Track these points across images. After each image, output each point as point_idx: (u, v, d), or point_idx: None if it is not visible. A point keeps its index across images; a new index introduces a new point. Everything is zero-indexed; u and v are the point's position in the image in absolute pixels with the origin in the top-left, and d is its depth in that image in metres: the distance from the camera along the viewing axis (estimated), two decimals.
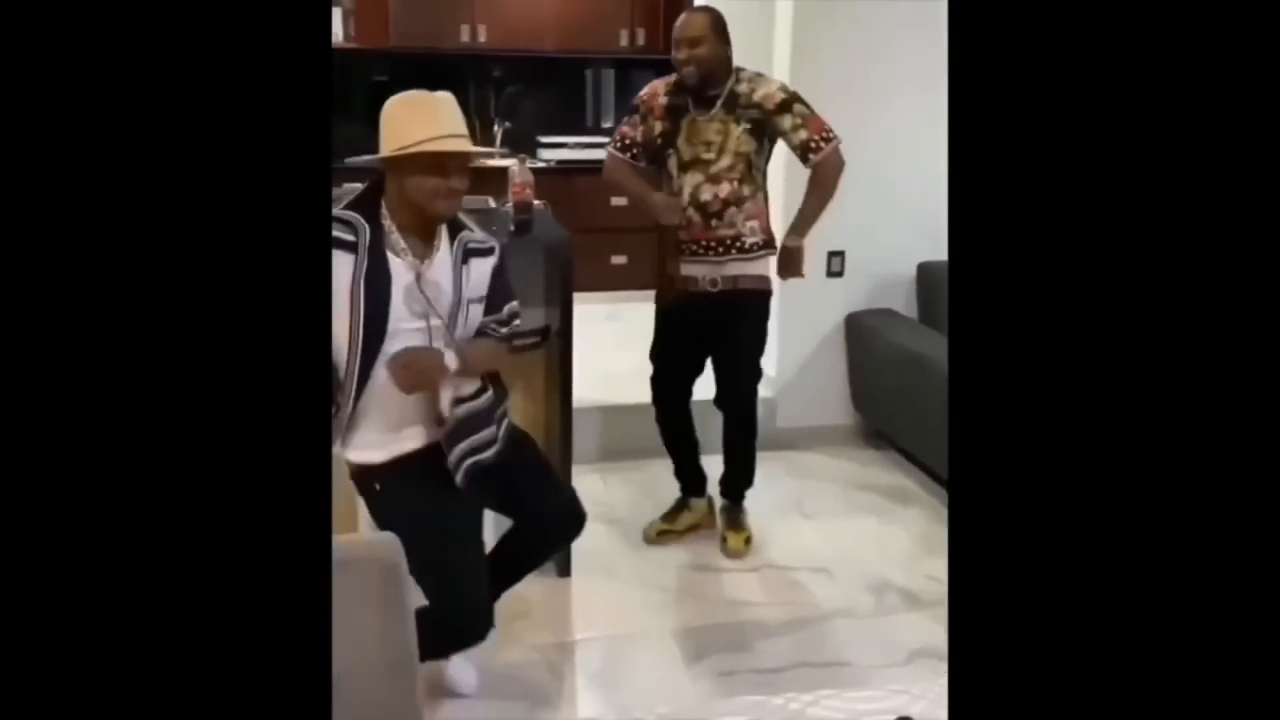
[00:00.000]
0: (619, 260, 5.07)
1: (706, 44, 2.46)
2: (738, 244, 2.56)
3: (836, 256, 3.51)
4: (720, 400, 2.74)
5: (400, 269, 1.76)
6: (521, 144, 5.20)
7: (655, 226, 2.65)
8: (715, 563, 2.74)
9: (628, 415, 3.38)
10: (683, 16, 2.51)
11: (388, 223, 1.76)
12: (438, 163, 1.70)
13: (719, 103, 2.50)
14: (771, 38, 3.39)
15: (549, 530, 2.08)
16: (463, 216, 1.91)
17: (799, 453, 3.45)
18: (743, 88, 2.50)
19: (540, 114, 5.38)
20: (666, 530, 2.83)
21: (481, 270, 1.89)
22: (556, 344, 2.52)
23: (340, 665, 1.05)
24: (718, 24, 2.48)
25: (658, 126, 2.56)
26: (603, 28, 5.14)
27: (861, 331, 3.49)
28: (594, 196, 5.01)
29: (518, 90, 5.37)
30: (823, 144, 2.50)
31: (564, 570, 2.62)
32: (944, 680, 1.02)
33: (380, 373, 1.75)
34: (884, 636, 2.39)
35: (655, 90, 2.60)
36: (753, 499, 2.89)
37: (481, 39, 4.97)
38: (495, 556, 2.05)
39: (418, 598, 1.42)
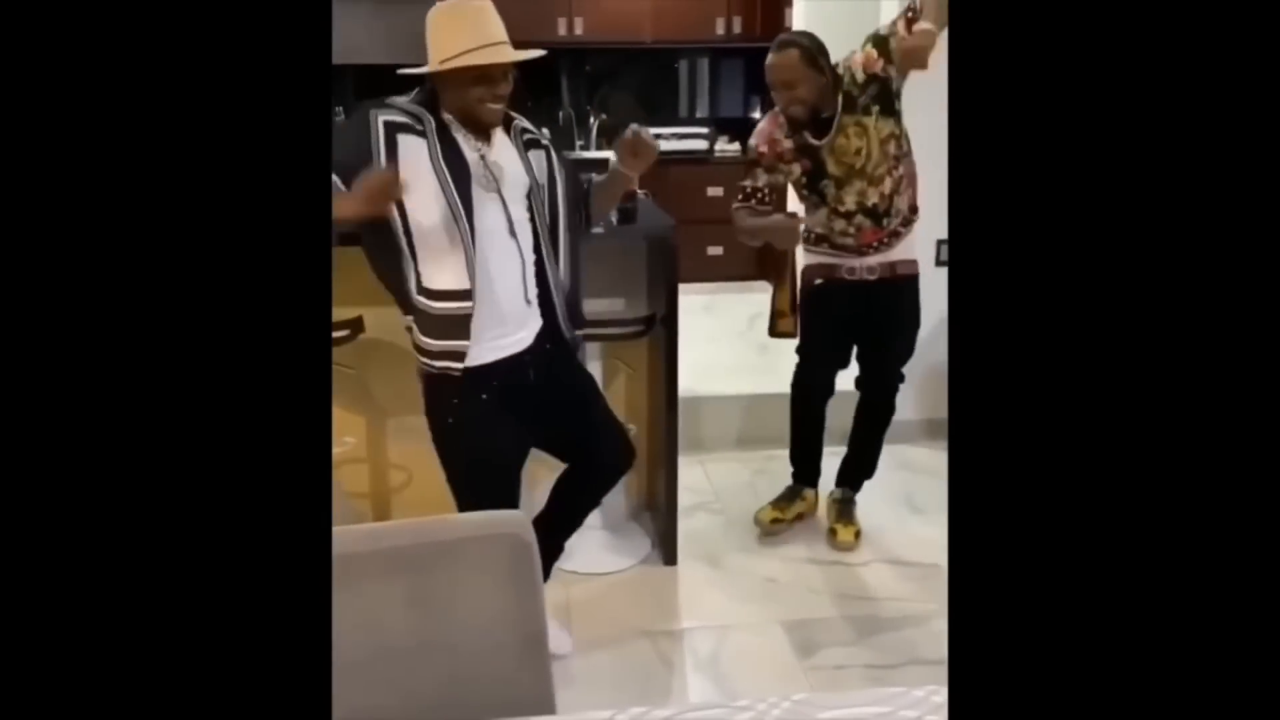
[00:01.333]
0: (715, 251, 5.04)
1: (804, 83, 2.31)
2: (902, 223, 2.50)
3: (946, 245, 3.40)
4: (867, 385, 2.69)
5: (466, 149, 1.84)
6: (617, 136, 5.23)
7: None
8: (822, 555, 2.69)
9: (727, 406, 3.36)
10: (772, 57, 2.34)
11: (448, 117, 1.83)
12: (482, 72, 1.76)
13: (838, 117, 2.36)
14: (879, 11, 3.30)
15: (605, 468, 2.12)
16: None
17: (907, 446, 3.35)
18: (847, 84, 2.35)
19: (635, 105, 5.39)
20: (779, 518, 2.78)
21: (540, 162, 1.95)
22: (661, 334, 2.51)
23: (473, 641, 1.07)
24: (808, 56, 2.32)
25: (795, 170, 2.45)
26: (698, 17, 5.12)
27: None
28: (690, 187, 5.00)
29: (613, 82, 5.40)
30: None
31: (670, 559, 2.61)
32: None
33: (487, 265, 1.81)
34: None
35: (771, 137, 2.46)
36: (862, 492, 2.83)
37: (578, 31, 5.01)
38: (553, 506, 2.11)
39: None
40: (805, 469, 2.83)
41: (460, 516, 1.09)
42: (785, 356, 2.80)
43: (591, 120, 5.30)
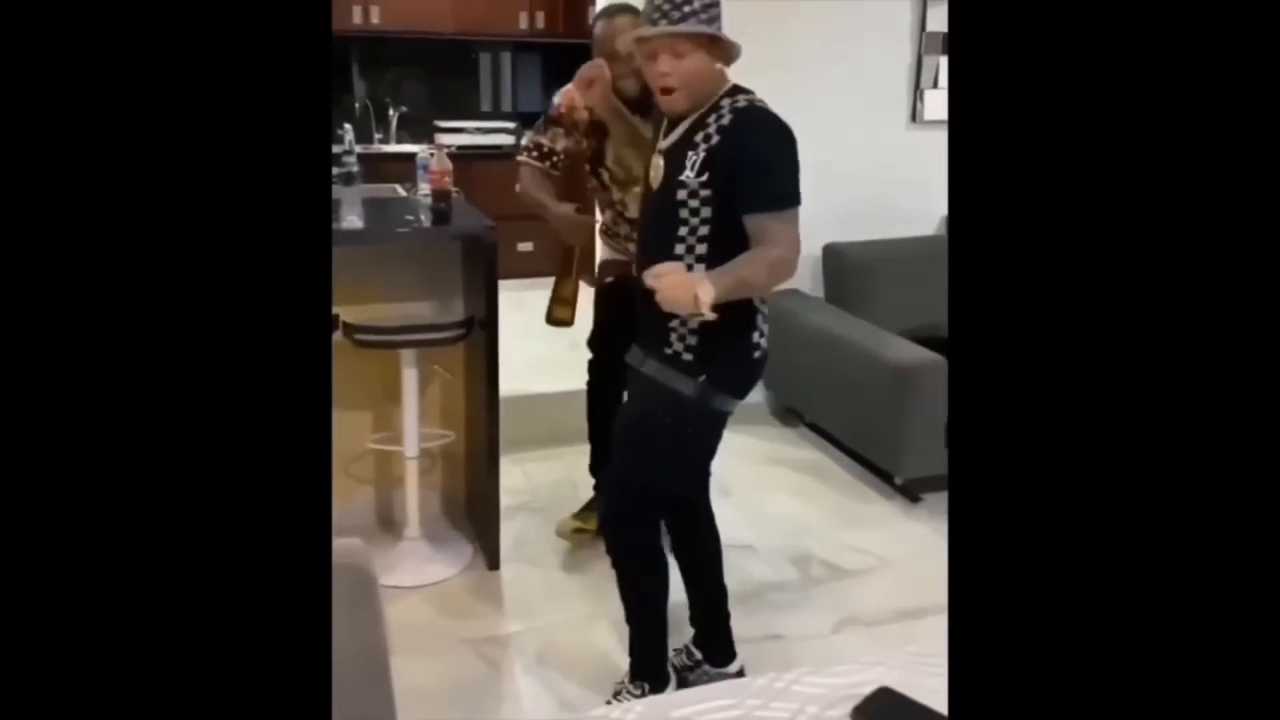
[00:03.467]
0: (525, 247, 5.01)
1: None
2: None
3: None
4: None
5: None
6: (418, 129, 5.07)
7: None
8: None
9: (543, 404, 3.37)
10: (604, 24, 2.28)
11: None
12: None
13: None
14: None
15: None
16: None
17: None
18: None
19: (437, 98, 5.25)
20: (581, 528, 2.73)
21: None
22: (481, 336, 2.48)
23: None
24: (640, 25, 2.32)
25: (584, 144, 2.41)
26: (501, 10, 5.05)
27: (770, 312, 3.58)
28: (497, 182, 4.93)
29: (413, 74, 5.22)
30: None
31: (493, 563, 2.59)
32: (912, 649, 1.07)
33: None
34: (811, 608, 2.47)
35: (573, 100, 2.26)
36: None
37: (375, 20, 4.80)
38: None
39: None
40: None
41: None
42: None
43: (391, 112, 5.10)
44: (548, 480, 3.13)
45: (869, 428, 3.12)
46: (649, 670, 2.01)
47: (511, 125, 5.24)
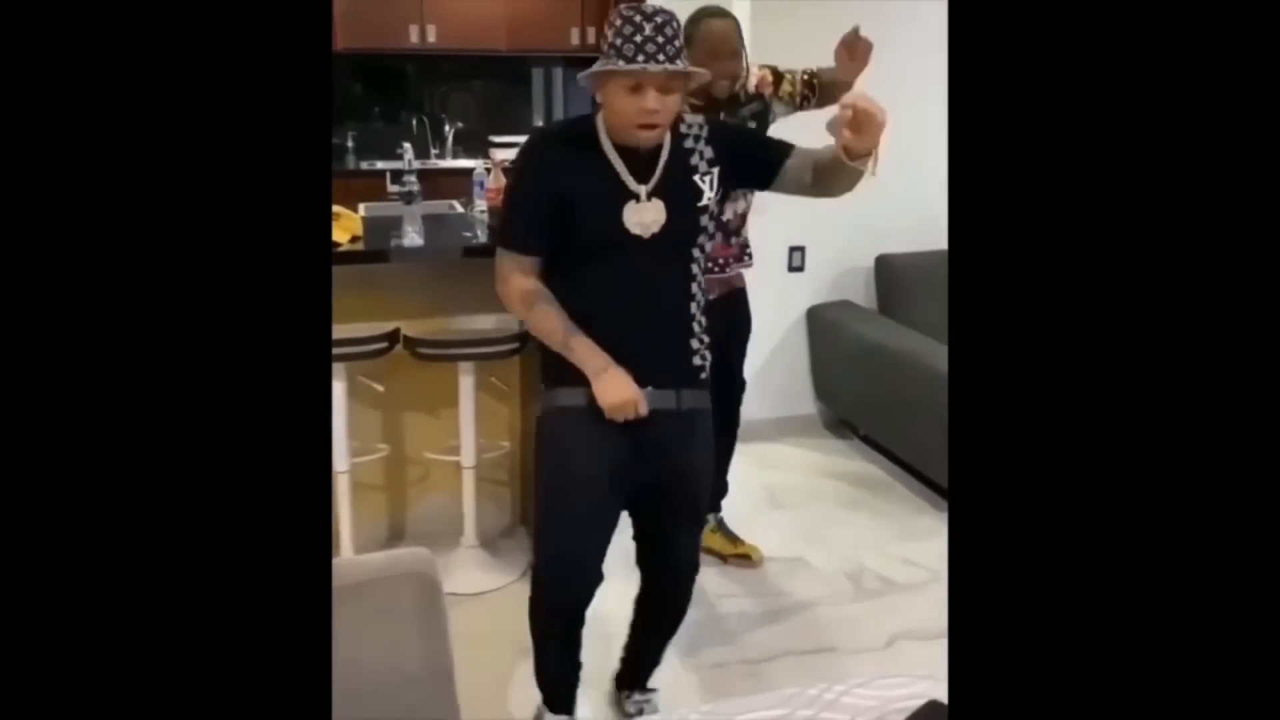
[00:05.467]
0: None
1: (737, 57, 2.28)
2: (742, 252, 2.57)
3: (797, 252, 3.59)
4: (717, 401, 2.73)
5: None
6: (472, 144, 5.18)
7: None
8: None
9: None
10: (716, 23, 2.26)
11: None
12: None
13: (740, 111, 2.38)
14: None
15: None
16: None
17: (766, 444, 3.52)
18: (738, 87, 2.36)
19: (490, 114, 5.36)
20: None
21: None
22: (535, 350, 2.53)
23: (380, 681, 1.06)
24: (740, 31, 2.33)
25: None
26: (553, 26, 5.14)
27: (823, 324, 3.58)
28: None
29: (467, 90, 5.34)
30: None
31: None
32: None
33: None
34: (864, 621, 2.47)
35: None
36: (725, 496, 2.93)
37: (431, 39, 4.92)
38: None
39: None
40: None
41: (364, 557, 1.08)
42: None
43: (446, 128, 5.22)
44: None
45: (921, 440, 3.10)
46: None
47: None
